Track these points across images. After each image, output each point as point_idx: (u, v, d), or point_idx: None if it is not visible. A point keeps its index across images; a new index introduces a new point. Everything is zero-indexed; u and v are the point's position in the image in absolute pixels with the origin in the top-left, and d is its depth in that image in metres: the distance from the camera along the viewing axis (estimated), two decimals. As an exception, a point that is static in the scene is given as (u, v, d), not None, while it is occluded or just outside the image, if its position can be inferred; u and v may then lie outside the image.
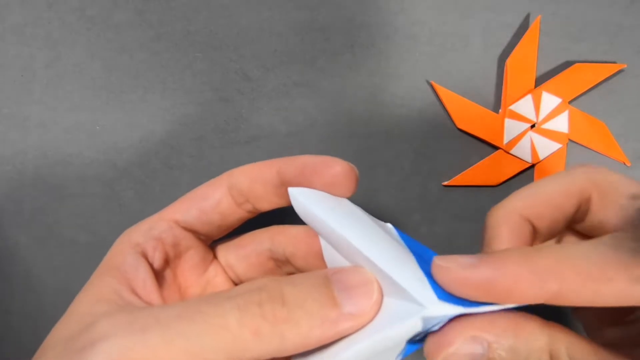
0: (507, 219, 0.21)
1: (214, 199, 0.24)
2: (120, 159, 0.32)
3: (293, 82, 0.33)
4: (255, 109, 0.33)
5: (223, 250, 0.26)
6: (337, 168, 0.22)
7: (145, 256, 0.23)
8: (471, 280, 0.17)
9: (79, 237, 0.32)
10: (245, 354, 0.17)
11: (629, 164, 0.32)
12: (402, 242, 0.21)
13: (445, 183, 0.32)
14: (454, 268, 0.17)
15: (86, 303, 0.21)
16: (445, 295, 0.18)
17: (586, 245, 0.17)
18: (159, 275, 0.24)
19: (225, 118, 0.33)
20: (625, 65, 0.32)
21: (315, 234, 0.23)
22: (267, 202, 0.24)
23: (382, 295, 0.18)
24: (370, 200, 0.32)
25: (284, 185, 0.23)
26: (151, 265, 0.23)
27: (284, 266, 0.25)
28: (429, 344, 0.18)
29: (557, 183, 0.21)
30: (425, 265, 0.19)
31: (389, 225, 0.22)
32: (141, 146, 0.33)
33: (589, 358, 0.17)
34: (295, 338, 0.17)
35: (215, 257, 0.26)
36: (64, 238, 0.32)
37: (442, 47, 0.33)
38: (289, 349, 0.18)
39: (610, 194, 0.20)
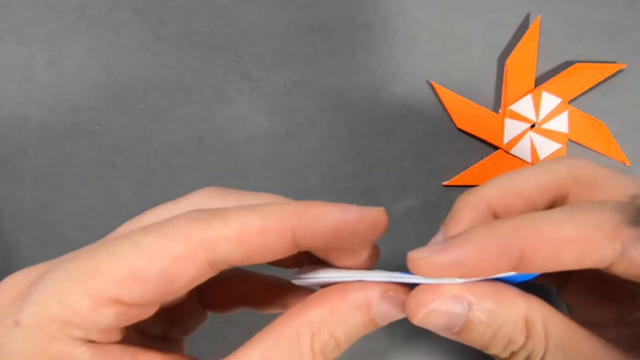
0: (473, 205, 0.21)
1: (183, 283, 0.17)
2: (120, 159, 0.32)
3: (293, 82, 0.33)
4: (255, 109, 0.33)
5: None
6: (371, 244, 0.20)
7: (94, 342, 0.17)
8: (444, 264, 0.18)
9: (79, 237, 0.32)
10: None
11: (628, 164, 0.32)
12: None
13: (445, 183, 0.32)
14: (427, 257, 0.18)
15: None
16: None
17: (546, 211, 0.18)
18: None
19: (225, 118, 0.33)
20: (625, 65, 0.32)
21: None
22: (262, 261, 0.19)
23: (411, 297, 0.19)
24: (371, 200, 0.32)
25: (298, 249, 0.18)
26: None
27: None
28: (410, 302, 0.19)
29: (535, 176, 0.21)
30: None
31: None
32: (141, 146, 0.33)
33: (561, 329, 0.18)
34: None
35: None
36: (64, 238, 0.32)
37: (442, 47, 0.33)
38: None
39: (590, 192, 0.20)
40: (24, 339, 0.15)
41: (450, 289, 0.18)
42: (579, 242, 0.17)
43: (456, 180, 0.32)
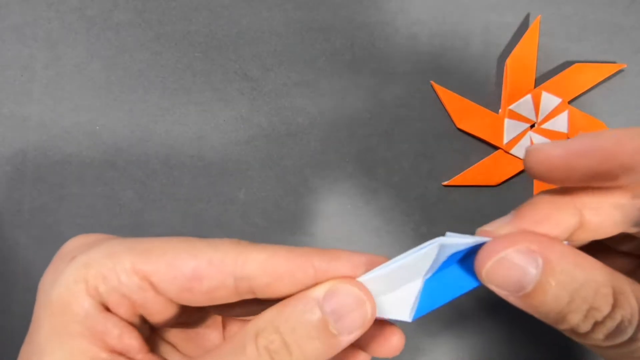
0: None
1: (208, 286, 0.19)
2: (120, 159, 0.32)
3: (293, 82, 0.33)
4: (255, 109, 0.33)
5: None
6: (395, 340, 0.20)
7: (107, 308, 0.19)
8: (573, 149, 0.16)
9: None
10: None
11: (628, 164, 0.32)
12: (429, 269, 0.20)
13: (445, 183, 0.32)
14: (548, 148, 0.17)
15: None
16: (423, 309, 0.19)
17: None
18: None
19: (225, 118, 0.33)
20: (625, 65, 0.32)
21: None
22: (282, 295, 0.20)
23: (374, 308, 0.19)
24: (371, 200, 0.32)
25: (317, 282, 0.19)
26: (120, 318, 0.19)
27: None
28: (480, 254, 0.17)
29: None
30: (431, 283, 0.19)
31: (434, 247, 0.18)
32: (141, 146, 0.33)
33: None
34: None
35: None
36: (64, 238, 0.32)
37: (442, 47, 0.33)
38: None
39: None
40: (70, 271, 0.19)
41: (525, 240, 0.16)
42: None
43: (456, 180, 0.32)
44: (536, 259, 0.16)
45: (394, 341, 0.20)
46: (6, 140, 0.33)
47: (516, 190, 0.32)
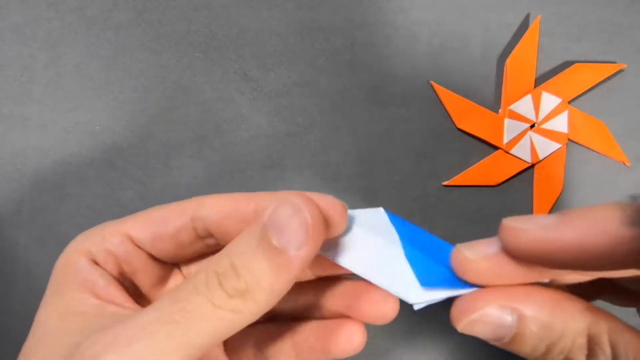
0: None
1: (173, 227, 0.22)
2: (120, 159, 0.33)
3: (293, 82, 0.33)
4: (255, 109, 0.33)
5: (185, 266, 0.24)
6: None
7: (97, 264, 0.22)
8: (556, 241, 0.15)
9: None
10: (230, 331, 0.18)
11: (628, 164, 0.32)
12: (392, 227, 0.21)
13: (445, 183, 0.32)
14: (532, 229, 0.16)
15: (55, 320, 0.20)
16: (430, 281, 0.19)
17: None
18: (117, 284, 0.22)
19: (225, 118, 0.33)
20: (625, 65, 0.32)
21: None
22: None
23: (318, 217, 0.18)
24: (371, 201, 0.32)
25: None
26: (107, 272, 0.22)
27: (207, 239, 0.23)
28: (455, 308, 0.18)
29: None
30: (412, 251, 0.20)
31: (381, 209, 0.21)
32: (141, 146, 0.33)
33: (636, 348, 0.16)
34: (265, 297, 0.18)
35: (178, 267, 0.24)
36: (64, 238, 0.32)
37: (442, 47, 0.33)
38: (266, 306, 0.18)
39: None
40: (70, 245, 0.22)
41: (498, 298, 0.17)
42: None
43: (456, 180, 0.32)
44: (511, 313, 0.17)
45: (387, 307, 0.20)
46: (6, 140, 0.33)
47: (516, 190, 0.32)
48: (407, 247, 0.20)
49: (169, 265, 0.24)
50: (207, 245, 0.23)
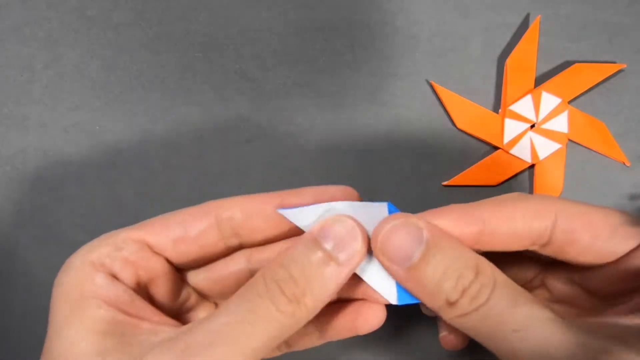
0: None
1: (197, 229, 0.22)
2: (120, 159, 0.33)
3: (293, 82, 0.33)
4: (255, 109, 0.33)
5: (192, 274, 0.25)
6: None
7: (115, 277, 0.21)
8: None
9: (79, 237, 0.32)
10: (284, 334, 0.20)
11: (628, 164, 0.32)
12: None
13: (445, 183, 0.32)
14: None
15: (81, 342, 0.19)
16: (408, 298, 0.22)
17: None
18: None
19: (225, 118, 0.33)
20: (625, 65, 0.32)
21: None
22: (262, 237, 0.23)
23: (365, 233, 0.21)
24: (370, 201, 0.32)
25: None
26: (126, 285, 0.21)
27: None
28: (380, 222, 0.21)
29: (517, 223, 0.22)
30: None
31: (385, 205, 0.23)
32: (141, 146, 0.33)
33: (506, 278, 0.20)
34: (317, 301, 0.20)
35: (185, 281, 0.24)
36: (64, 238, 0.32)
37: (442, 47, 0.33)
38: (315, 311, 0.20)
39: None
40: (75, 259, 0.21)
41: (416, 221, 0.21)
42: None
43: (456, 180, 0.32)
44: (422, 235, 0.20)
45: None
46: (6, 140, 0.33)
47: (516, 190, 0.32)
48: None
49: (179, 275, 0.24)
50: (227, 247, 0.23)
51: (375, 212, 0.22)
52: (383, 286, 0.22)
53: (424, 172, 0.32)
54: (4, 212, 0.32)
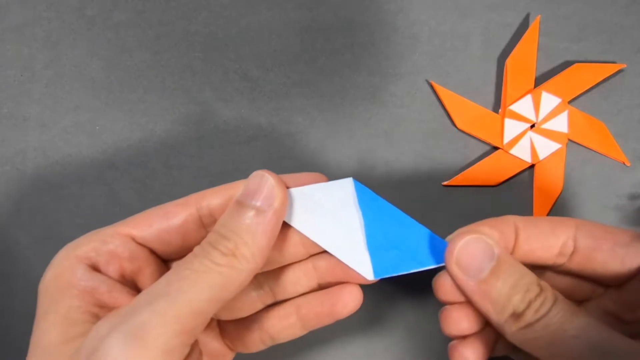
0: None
1: (179, 219, 0.23)
2: (120, 159, 0.33)
3: (293, 82, 0.33)
4: (255, 109, 0.33)
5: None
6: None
7: (97, 270, 0.22)
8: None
9: (78, 237, 0.32)
10: (230, 285, 0.21)
11: (628, 164, 0.32)
12: (356, 202, 0.25)
13: (445, 183, 0.32)
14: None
15: (54, 334, 0.20)
16: (384, 270, 0.24)
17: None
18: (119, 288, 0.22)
19: (225, 118, 0.33)
20: (625, 65, 0.32)
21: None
22: None
23: (279, 179, 0.23)
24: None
25: None
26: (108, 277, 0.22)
27: None
28: (455, 236, 0.23)
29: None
30: (374, 230, 0.24)
31: (350, 180, 0.24)
32: (141, 146, 0.33)
33: (569, 307, 0.22)
34: (251, 251, 0.21)
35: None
36: (64, 238, 0.32)
37: (442, 47, 0.33)
38: (254, 261, 0.21)
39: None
40: (59, 255, 0.22)
41: (487, 238, 0.23)
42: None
43: (456, 180, 0.32)
44: (493, 251, 0.22)
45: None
46: (6, 140, 0.33)
47: (516, 190, 0.32)
48: (369, 230, 0.24)
49: (166, 265, 0.25)
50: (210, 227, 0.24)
51: (341, 188, 0.24)
52: (359, 263, 0.23)
53: (424, 172, 0.32)
54: (4, 212, 0.32)
